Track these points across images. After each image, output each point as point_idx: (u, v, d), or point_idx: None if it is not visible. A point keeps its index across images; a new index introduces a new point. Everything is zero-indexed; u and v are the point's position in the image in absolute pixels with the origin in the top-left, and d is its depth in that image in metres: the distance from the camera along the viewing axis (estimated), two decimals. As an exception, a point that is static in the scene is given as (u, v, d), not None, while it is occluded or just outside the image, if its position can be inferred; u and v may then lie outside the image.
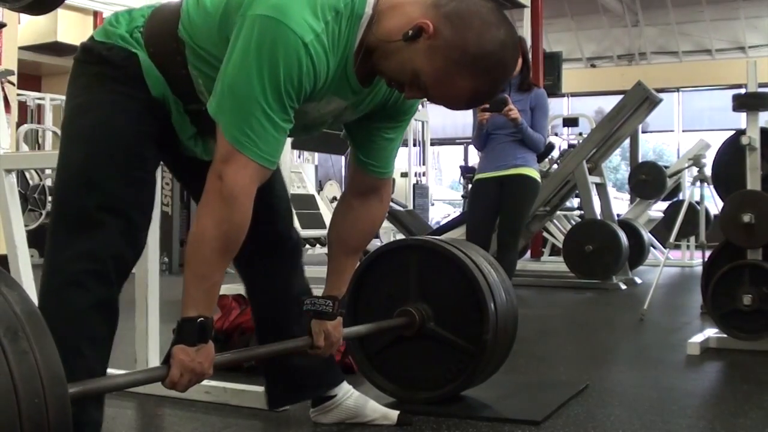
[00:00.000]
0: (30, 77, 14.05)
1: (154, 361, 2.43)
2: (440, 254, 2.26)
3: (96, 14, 12.53)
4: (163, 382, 1.54)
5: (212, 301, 1.57)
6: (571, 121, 10.32)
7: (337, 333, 1.91)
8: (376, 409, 2.12)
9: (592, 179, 6.55)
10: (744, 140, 3.36)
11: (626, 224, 7.07)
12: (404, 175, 10.28)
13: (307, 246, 5.35)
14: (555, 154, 7.87)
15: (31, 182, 7.76)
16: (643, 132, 13.81)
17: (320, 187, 9.25)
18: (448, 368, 2.24)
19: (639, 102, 6.41)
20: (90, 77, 1.70)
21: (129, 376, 1.48)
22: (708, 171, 4.49)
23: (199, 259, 1.53)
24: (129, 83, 1.67)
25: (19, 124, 8.57)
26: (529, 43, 8.37)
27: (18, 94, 8.40)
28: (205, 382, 2.45)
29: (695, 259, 8.51)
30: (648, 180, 7.89)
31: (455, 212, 12.30)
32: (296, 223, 2.20)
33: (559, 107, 13.58)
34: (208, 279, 1.54)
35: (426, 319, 2.22)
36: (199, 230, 1.53)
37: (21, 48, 8.69)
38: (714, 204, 4.70)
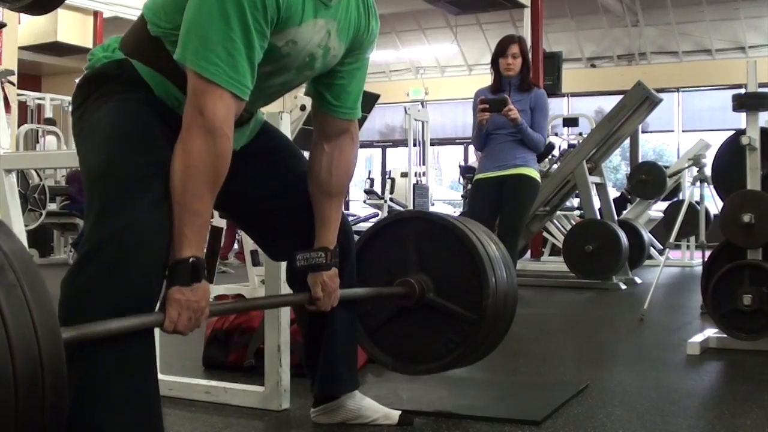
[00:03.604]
0: (30, 77, 14.08)
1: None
2: (439, 225, 2.23)
3: (96, 14, 12.56)
4: (162, 327, 1.53)
5: (203, 240, 1.58)
6: (571, 121, 10.32)
7: (333, 283, 1.93)
8: (377, 409, 2.12)
9: (592, 179, 6.55)
10: (744, 140, 3.36)
11: (626, 224, 7.07)
12: (404, 175, 10.28)
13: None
14: (555, 154, 7.88)
15: (31, 182, 7.76)
16: (643, 132, 13.83)
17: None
18: (449, 338, 2.20)
19: (639, 102, 6.41)
20: (91, 104, 1.68)
21: (123, 321, 1.44)
22: (708, 171, 4.49)
23: (190, 195, 1.53)
24: (129, 88, 1.67)
25: (19, 124, 8.58)
26: (529, 43, 8.38)
27: (18, 94, 8.41)
28: (204, 382, 2.46)
29: (695, 259, 8.51)
30: (648, 180, 7.90)
31: (455, 212, 12.29)
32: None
33: (559, 107, 13.57)
34: (200, 215, 1.55)
35: (426, 290, 2.19)
36: (186, 166, 1.53)
37: (21, 48, 8.71)
38: (714, 204, 4.70)
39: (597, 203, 6.68)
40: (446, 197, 15.60)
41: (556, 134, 10.11)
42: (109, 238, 1.48)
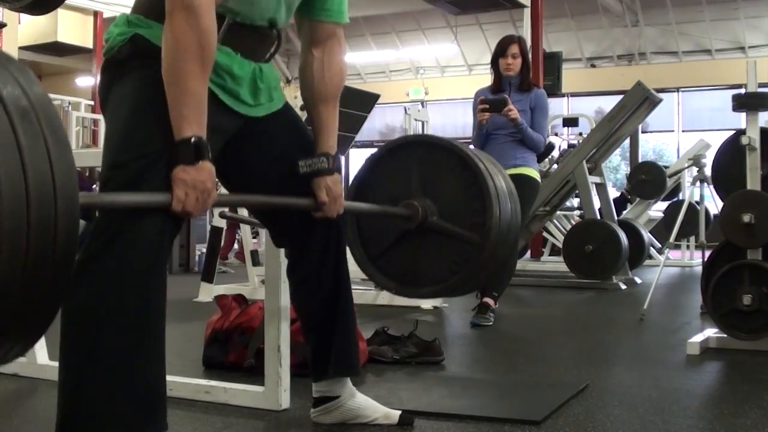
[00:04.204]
0: (30, 77, 14.05)
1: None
2: (443, 149, 2.21)
3: (96, 14, 12.56)
4: (171, 208, 1.54)
5: (203, 119, 1.59)
6: (571, 121, 10.32)
7: (336, 188, 1.94)
8: (378, 409, 2.12)
9: (592, 179, 6.55)
10: (744, 140, 3.36)
11: (626, 224, 7.07)
12: (404, 175, 10.27)
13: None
14: (555, 154, 7.88)
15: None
16: (643, 132, 13.82)
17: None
18: (452, 260, 2.18)
19: (639, 102, 6.41)
20: (114, 86, 1.70)
21: (131, 197, 1.49)
22: (708, 171, 4.49)
23: (182, 74, 1.55)
24: (146, 62, 1.66)
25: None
26: (529, 43, 8.38)
27: (18, 94, 8.39)
28: (204, 382, 2.46)
29: (695, 259, 8.51)
30: (648, 180, 7.90)
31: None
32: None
33: (559, 107, 13.57)
34: (195, 94, 1.57)
35: (429, 213, 2.17)
36: (172, 46, 1.55)
37: (21, 48, 8.71)
38: (714, 204, 4.70)
39: (597, 203, 6.68)
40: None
41: (556, 134, 10.11)
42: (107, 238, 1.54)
